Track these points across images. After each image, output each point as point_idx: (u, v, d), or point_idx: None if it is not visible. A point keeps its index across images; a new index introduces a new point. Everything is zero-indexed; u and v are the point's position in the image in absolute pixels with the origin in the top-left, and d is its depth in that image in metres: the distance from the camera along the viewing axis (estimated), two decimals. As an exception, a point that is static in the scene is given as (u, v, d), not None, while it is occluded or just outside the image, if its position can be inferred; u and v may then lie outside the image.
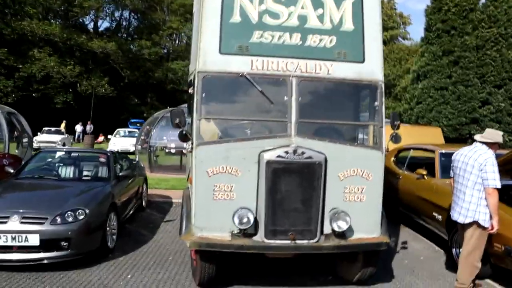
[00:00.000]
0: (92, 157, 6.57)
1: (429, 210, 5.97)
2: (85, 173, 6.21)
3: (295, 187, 3.96)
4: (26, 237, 4.48)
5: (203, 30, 4.02)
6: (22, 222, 4.52)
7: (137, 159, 9.88)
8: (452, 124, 18.47)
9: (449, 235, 5.42)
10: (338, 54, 4.20)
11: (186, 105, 15.87)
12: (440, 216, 5.66)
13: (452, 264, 5.29)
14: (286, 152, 3.91)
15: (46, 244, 4.53)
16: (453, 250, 5.28)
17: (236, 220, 3.87)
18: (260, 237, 3.98)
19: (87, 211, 4.82)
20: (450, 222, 5.35)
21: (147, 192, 8.38)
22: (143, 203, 7.90)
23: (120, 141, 20.94)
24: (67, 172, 6.18)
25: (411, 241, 6.41)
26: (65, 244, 4.60)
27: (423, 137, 9.29)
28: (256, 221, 3.95)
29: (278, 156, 3.90)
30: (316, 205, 4.00)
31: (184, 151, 14.79)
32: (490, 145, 4.25)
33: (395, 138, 4.32)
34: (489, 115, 18.40)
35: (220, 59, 4.02)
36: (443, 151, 6.28)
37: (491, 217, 4.11)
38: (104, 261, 5.07)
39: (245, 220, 3.88)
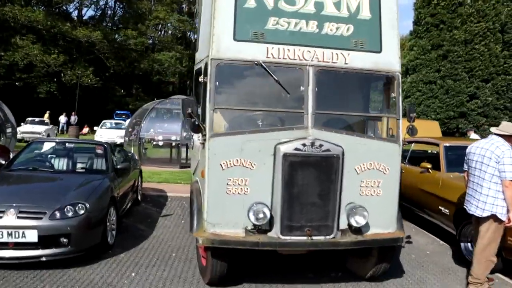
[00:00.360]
0: (88, 149, 6.28)
1: (435, 204, 5.92)
2: (81, 165, 5.92)
3: (312, 181, 3.81)
4: (23, 232, 4.21)
5: (216, 14, 3.80)
6: (19, 217, 4.25)
7: (132, 151, 9.57)
8: (441, 118, 18.66)
9: (457, 229, 5.38)
10: (355, 43, 4.04)
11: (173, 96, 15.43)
12: (447, 210, 5.61)
13: (460, 258, 5.26)
14: (304, 145, 3.75)
15: (45, 240, 4.28)
16: (462, 244, 5.25)
17: (252, 216, 3.71)
18: (275, 233, 3.82)
19: (88, 205, 4.58)
20: (458, 216, 5.33)
21: (142, 185, 8.13)
22: (139, 197, 7.66)
23: (107, 133, 20.44)
24: (62, 164, 5.88)
25: (414, 236, 6.33)
26: (65, 240, 4.36)
27: (421, 130, 9.25)
28: (271, 216, 3.78)
29: (296, 149, 3.74)
30: (333, 199, 3.86)
31: (173, 143, 14.66)
32: (506, 137, 4.18)
33: (412, 131, 4.21)
34: (476, 109, 18.68)
35: (235, 46, 3.81)
36: (448, 144, 6.23)
37: (508, 210, 4.05)
38: (104, 258, 4.84)
39: (261, 215, 3.72)
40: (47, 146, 6.16)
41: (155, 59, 35.81)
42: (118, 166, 5.99)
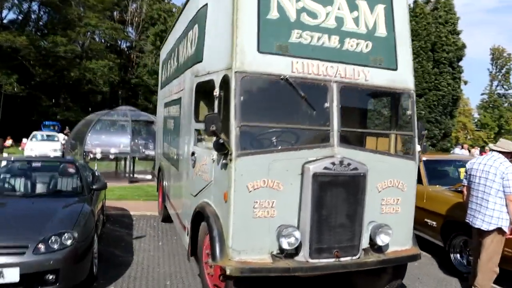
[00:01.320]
0: (56, 167, 5.49)
1: (420, 217, 6.11)
2: (52, 187, 5.15)
3: (340, 201, 3.67)
4: (1, 272, 3.51)
5: (239, 24, 3.53)
6: (-5, 254, 3.55)
7: (95, 168, 8.71)
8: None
9: (445, 241, 5.58)
10: (374, 60, 4.02)
11: (120, 107, 14.53)
12: (434, 222, 5.82)
13: (450, 269, 5.45)
14: (333, 164, 3.60)
15: (28, 279, 3.62)
16: (452, 256, 5.45)
17: (284, 241, 3.46)
18: (303, 257, 3.60)
19: (76, 234, 3.98)
20: (446, 228, 5.54)
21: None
22: (104, 218, 6.94)
23: (38, 146, 18.49)
24: (28, 186, 5.06)
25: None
26: (51, 277, 3.74)
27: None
28: None
29: (325, 168, 3.58)
30: (359, 219, 3.76)
31: (111, 156, 13.71)
32: (504, 154, 4.43)
33: (423, 148, 4.28)
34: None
35: (259, 59, 3.57)
36: (427, 159, 6.51)
37: (510, 222, 4.27)
38: (94, 294, 4.25)
39: (293, 240, 3.48)
40: (8, 167, 5.28)
41: (87, 68, 33.63)
42: (94, 187, 5.35)
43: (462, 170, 6.35)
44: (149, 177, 13.75)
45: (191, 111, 4.54)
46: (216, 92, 3.80)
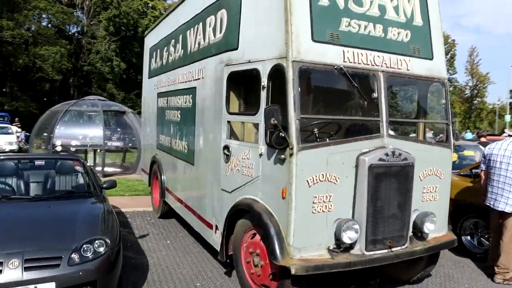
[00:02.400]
0: (63, 166, 4.97)
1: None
2: (63, 187, 4.67)
3: (393, 192, 3.65)
4: (35, 288, 3.15)
5: (293, 10, 3.35)
6: (26, 268, 3.16)
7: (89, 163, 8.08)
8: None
9: (455, 224, 5.79)
10: (414, 49, 4.00)
11: (88, 97, 13.83)
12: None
13: (462, 251, 5.66)
14: (386, 155, 3.57)
15: (66, 294, 3.27)
16: (463, 238, 5.67)
17: (345, 235, 3.39)
18: (359, 250, 3.56)
19: (108, 240, 3.65)
20: (456, 212, 5.74)
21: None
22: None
23: (-9, 139, 16.99)
24: (39, 188, 4.54)
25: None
26: (89, 289, 3.40)
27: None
28: None
29: (380, 159, 3.53)
30: (408, 208, 3.78)
31: (72, 149, 12.93)
32: (521, 138, 4.64)
33: (455, 136, 4.36)
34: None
35: (314, 48, 3.42)
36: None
37: None
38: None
39: (354, 234, 3.42)
40: (7, 166, 4.70)
41: (37, 54, 31.21)
42: (104, 185, 4.95)
43: (455, 155, 6.62)
44: (119, 170, 13.19)
45: (222, 102, 4.28)
46: (264, 82, 3.59)
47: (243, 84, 4.13)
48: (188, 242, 6.04)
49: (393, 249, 3.70)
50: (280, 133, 3.26)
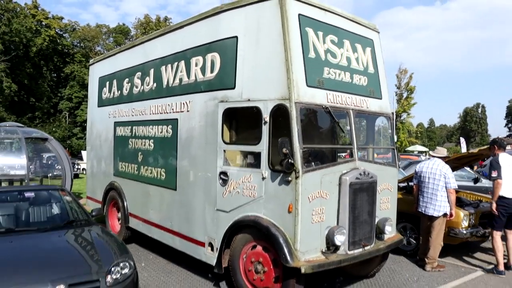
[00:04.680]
0: (51, 196, 4.98)
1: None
2: (62, 217, 4.72)
3: (365, 202, 4.68)
4: (82, 310, 3.39)
5: (293, 61, 4.22)
6: (71, 293, 3.39)
7: None
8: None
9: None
10: (370, 91, 5.18)
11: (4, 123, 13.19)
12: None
13: (395, 249, 6.94)
14: (360, 174, 4.59)
15: (105, 313, 3.55)
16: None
17: (337, 238, 4.27)
18: (344, 250, 4.48)
19: (131, 262, 4.00)
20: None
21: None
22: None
23: None
24: (36, 218, 4.52)
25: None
26: (123, 308, 3.71)
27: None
28: None
29: (357, 178, 4.54)
30: (374, 215, 4.84)
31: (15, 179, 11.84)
32: (441, 158, 6.14)
33: (398, 158, 5.62)
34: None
35: (308, 91, 4.31)
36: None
37: (450, 208, 5.96)
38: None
39: (342, 237, 4.33)
40: None
41: None
42: (93, 213, 5.13)
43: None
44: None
45: (217, 133, 4.91)
46: (266, 118, 4.36)
47: (238, 119, 4.83)
48: (163, 263, 6.35)
49: (366, 248, 4.70)
50: (289, 160, 4.05)
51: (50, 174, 11.80)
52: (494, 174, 5.78)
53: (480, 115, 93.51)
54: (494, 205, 5.85)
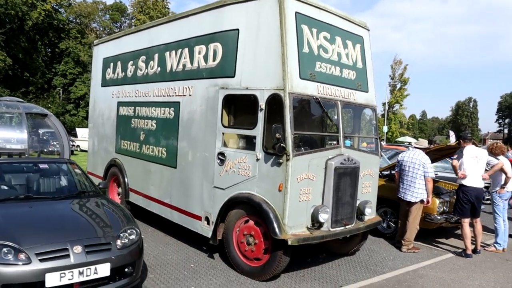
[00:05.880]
0: (63, 169, 5.43)
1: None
2: (73, 188, 5.19)
3: (347, 185, 5.20)
4: (95, 268, 3.87)
5: (289, 56, 4.66)
6: (88, 252, 3.87)
7: None
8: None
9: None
10: (357, 85, 5.65)
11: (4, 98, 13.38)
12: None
13: (375, 232, 7.57)
14: (345, 160, 5.10)
15: (115, 273, 4.05)
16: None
17: (321, 216, 4.80)
18: (327, 227, 5.02)
19: (138, 230, 4.48)
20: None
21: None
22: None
23: None
24: (52, 189, 4.99)
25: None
26: (130, 269, 4.21)
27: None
28: None
29: (341, 163, 5.05)
30: (356, 197, 5.37)
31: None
32: (422, 149, 6.69)
33: (380, 147, 6.15)
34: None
35: (301, 83, 4.78)
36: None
37: (427, 195, 6.53)
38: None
39: (326, 215, 4.86)
40: (12, 169, 5.02)
41: None
42: (101, 186, 5.60)
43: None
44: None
45: (217, 117, 5.37)
46: (262, 105, 4.82)
47: (236, 104, 5.26)
48: (161, 235, 6.87)
49: (347, 227, 5.25)
50: (282, 144, 4.54)
51: (46, 150, 12.18)
52: (454, 157, 6.63)
53: (471, 109, 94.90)
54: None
